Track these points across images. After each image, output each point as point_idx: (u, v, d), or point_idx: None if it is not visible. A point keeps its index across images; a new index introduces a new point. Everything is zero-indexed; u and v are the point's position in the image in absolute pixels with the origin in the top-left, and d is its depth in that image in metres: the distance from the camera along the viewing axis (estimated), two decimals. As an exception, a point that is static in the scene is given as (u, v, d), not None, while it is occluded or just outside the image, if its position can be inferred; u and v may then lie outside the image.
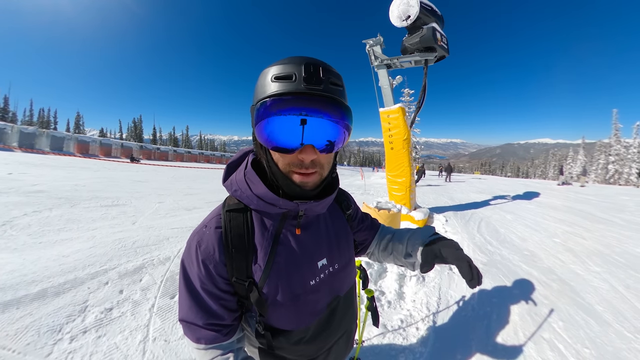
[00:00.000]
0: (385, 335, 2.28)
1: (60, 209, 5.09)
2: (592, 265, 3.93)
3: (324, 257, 0.78)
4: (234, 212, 0.70)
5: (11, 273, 2.71)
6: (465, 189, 14.34)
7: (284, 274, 0.70)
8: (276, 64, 0.58)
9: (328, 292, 0.79)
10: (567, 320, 2.55)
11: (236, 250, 0.66)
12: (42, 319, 2.14)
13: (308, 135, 0.57)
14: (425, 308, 2.70)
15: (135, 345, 2.00)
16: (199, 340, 0.67)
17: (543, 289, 3.15)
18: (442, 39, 5.76)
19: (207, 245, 0.66)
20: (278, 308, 0.70)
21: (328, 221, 0.84)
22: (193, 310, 0.67)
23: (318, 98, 0.56)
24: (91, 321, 2.18)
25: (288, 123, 0.56)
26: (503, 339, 2.30)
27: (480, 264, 3.83)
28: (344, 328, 0.86)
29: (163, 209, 5.96)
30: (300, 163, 0.61)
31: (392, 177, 6.29)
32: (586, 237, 5.44)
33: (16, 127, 23.78)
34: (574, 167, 44.67)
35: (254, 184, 0.67)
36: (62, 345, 1.93)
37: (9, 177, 7.77)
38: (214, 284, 0.66)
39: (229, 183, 0.72)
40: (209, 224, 0.69)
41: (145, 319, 2.28)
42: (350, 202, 0.95)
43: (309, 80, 0.55)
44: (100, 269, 2.95)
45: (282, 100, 0.55)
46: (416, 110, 6.30)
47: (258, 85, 0.60)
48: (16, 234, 3.73)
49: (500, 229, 5.89)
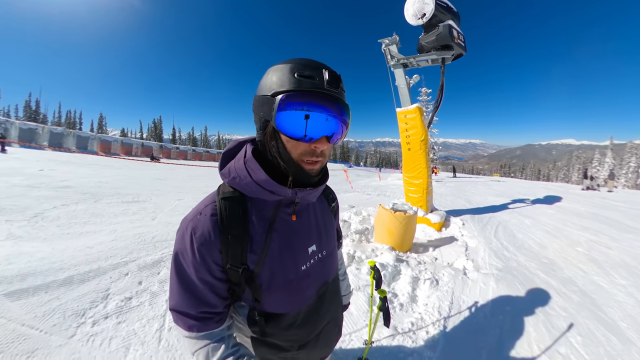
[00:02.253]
0: (394, 337, 2.26)
1: (86, 203, 5.35)
2: (617, 277, 3.70)
3: (314, 244, 0.83)
4: (229, 199, 0.71)
5: (41, 260, 2.89)
6: (483, 192, 13.89)
7: (278, 259, 0.73)
8: (294, 62, 0.64)
9: (317, 277, 0.84)
10: (586, 336, 2.40)
11: (232, 236, 0.68)
12: (67, 304, 2.27)
13: (324, 129, 0.65)
14: (437, 312, 2.66)
15: (152, 333, 2.09)
16: (190, 328, 0.69)
17: (561, 300, 3.00)
18: (459, 37, 5.60)
19: (202, 232, 0.67)
20: (272, 292, 0.73)
21: (317, 210, 0.88)
22: (185, 299, 0.69)
23: (336, 100, 0.65)
24: (112, 308, 2.30)
25: (316, 116, 0.63)
26: (516, 350, 2.20)
27: (495, 269, 3.74)
28: (332, 314, 0.91)
29: (182, 206, 6.14)
30: (312, 151, 0.66)
31: (408, 179, 6.17)
32: (612, 247, 5.09)
33: (47, 128, 25.11)
34: (601, 170, 42.24)
35: (254, 171, 0.69)
36: (84, 329, 2.05)
37: (40, 174, 8.25)
38: (208, 271, 0.68)
39: (226, 171, 0.74)
40: (204, 211, 0.70)
41: (162, 309, 2.37)
42: (334, 197, 1.02)
43: (331, 84, 0.63)
44: (121, 260, 3.09)
45: (311, 96, 0.62)
46: (434, 110, 6.17)
47: (274, 77, 0.64)
48: (46, 225, 3.96)
49: (517, 234, 5.68)
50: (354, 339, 2.20)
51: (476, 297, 2.98)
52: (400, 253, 4.04)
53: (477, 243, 4.81)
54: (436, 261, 3.96)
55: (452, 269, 3.62)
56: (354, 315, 2.49)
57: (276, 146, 0.67)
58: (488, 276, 3.49)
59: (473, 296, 3.00)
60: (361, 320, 2.44)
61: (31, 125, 25.07)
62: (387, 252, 3.82)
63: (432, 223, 5.61)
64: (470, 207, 8.61)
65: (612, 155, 42.27)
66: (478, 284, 3.26)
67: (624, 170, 37.41)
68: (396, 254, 3.81)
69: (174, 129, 62.40)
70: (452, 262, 3.94)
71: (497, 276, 3.50)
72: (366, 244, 4.17)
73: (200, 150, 42.80)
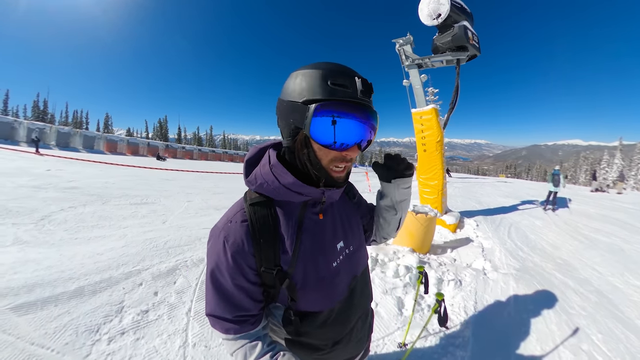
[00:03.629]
0: (427, 339, 2.28)
1: (93, 205, 5.23)
2: (632, 278, 3.77)
3: (341, 240, 0.84)
4: (258, 205, 0.72)
5: (49, 269, 2.74)
6: (492, 193, 13.81)
7: (310, 258, 0.74)
8: (324, 68, 0.63)
9: (348, 272, 0.84)
10: (606, 333, 2.49)
11: (264, 240, 0.69)
12: (79, 318, 2.12)
13: (356, 136, 0.66)
14: (463, 312, 2.70)
15: (175, 350, 1.94)
16: (227, 331, 0.71)
17: (580, 300, 3.09)
18: (474, 38, 5.53)
19: (235, 239, 0.68)
20: (307, 291, 0.74)
21: (340, 207, 0.89)
22: (221, 305, 0.70)
23: (368, 109, 0.66)
24: (128, 322, 2.14)
25: (350, 125, 0.63)
26: (542, 347, 2.26)
27: (513, 269, 3.81)
28: (363, 308, 0.91)
29: (192, 207, 6.02)
30: (343, 158, 0.68)
31: (423, 180, 6.07)
32: (625, 248, 5.18)
33: (54, 128, 25.22)
34: (610, 172, 41.56)
35: (282, 176, 0.70)
36: (100, 347, 1.90)
37: (47, 174, 8.16)
38: (243, 276, 0.69)
39: (252, 178, 0.75)
40: (234, 219, 0.71)
41: (182, 323, 2.22)
42: (355, 191, 1.01)
43: (364, 93, 0.64)
44: (133, 269, 2.94)
45: (346, 106, 0.62)
46: (449, 111, 6.04)
47: (303, 83, 0.63)
48: (54, 229, 3.83)
49: (530, 235, 5.79)
50: (388, 343, 2.21)
51: (498, 297, 3.04)
52: (421, 255, 4.05)
53: (492, 244, 4.92)
54: (455, 262, 4.07)
55: (472, 269, 3.73)
56: (385, 319, 2.49)
57: (307, 154, 0.68)
58: (507, 276, 3.56)
59: (495, 295, 3.07)
60: (392, 323, 2.45)
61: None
62: (409, 254, 3.81)
63: (447, 224, 5.63)
64: (481, 208, 8.65)
65: (622, 156, 41.50)
66: (499, 284, 3.34)
67: (634, 172, 36.75)
68: (418, 255, 3.83)
69: (180, 128, 62.64)
70: (471, 262, 4.07)
71: (515, 276, 3.57)
72: (385, 246, 4.11)
73: (206, 150, 42.66)
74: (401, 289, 2.93)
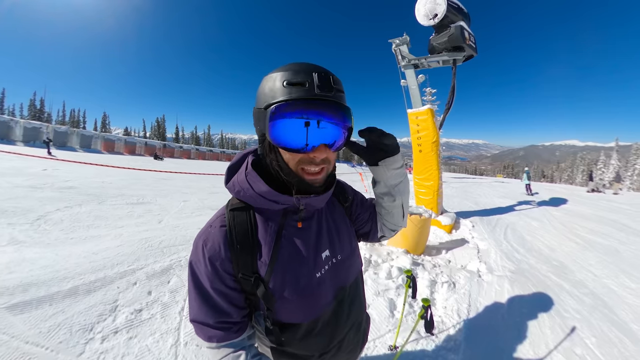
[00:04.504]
0: (418, 342, 2.27)
1: (89, 205, 5.23)
2: (627, 280, 3.76)
3: (327, 249, 0.81)
4: (237, 210, 0.73)
5: (44, 268, 2.76)
6: (489, 193, 13.84)
7: (289, 268, 0.72)
8: (284, 70, 0.62)
9: (333, 283, 0.80)
10: (600, 337, 2.48)
11: (241, 246, 0.69)
12: (73, 317, 2.14)
13: (321, 136, 0.63)
14: (456, 315, 2.69)
15: (167, 349, 1.96)
16: (210, 339, 0.69)
17: (574, 303, 3.07)
18: (470, 38, 5.56)
19: (213, 244, 0.69)
20: (285, 301, 0.71)
21: (327, 214, 0.86)
22: (203, 310, 0.69)
23: (330, 104, 0.62)
24: (122, 322, 2.17)
25: (304, 125, 0.60)
26: (534, 351, 2.25)
27: (508, 271, 3.81)
28: (353, 319, 0.87)
29: (188, 207, 6.03)
30: (311, 160, 0.65)
31: (419, 180, 6.10)
32: (621, 250, 5.16)
33: (51, 127, 25.03)
34: (606, 172, 41.85)
35: (255, 183, 0.70)
36: (94, 345, 1.92)
37: (43, 173, 8.14)
38: (221, 281, 0.68)
39: (231, 185, 0.75)
40: (214, 224, 0.72)
41: (175, 322, 2.24)
42: (348, 194, 0.97)
43: (322, 87, 0.61)
44: (128, 268, 2.96)
45: (300, 104, 0.59)
46: (445, 111, 6.07)
47: (266, 88, 0.63)
48: (49, 229, 3.84)
49: (526, 236, 5.75)
50: (379, 345, 2.21)
51: (492, 299, 3.03)
52: (415, 256, 4.05)
53: (488, 245, 4.88)
54: (450, 264, 4.04)
55: (466, 271, 3.71)
56: (376, 321, 2.49)
57: (275, 159, 0.67)
58: (502, 278, 3.55)
59: (489, 298, 3.05)
60: (384, 325, 2.45)
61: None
62: (403, 255, 3.82)
63: (443, 225, 5.62)
64: (477, 209, 8.64)
65: (618, 157, 41.84)
66: (493, 286, 3.33)
67: (630, 173, 37.04)
68: (412, 257, 3.83)
69: (177, 127, 62.26)
70: (466, 264, 4.04)
71: (510, 278, 3.56)
72: (379, 246, 4.13)
73: (203, 150, 42.53)
74: (393, 290, 2.94)
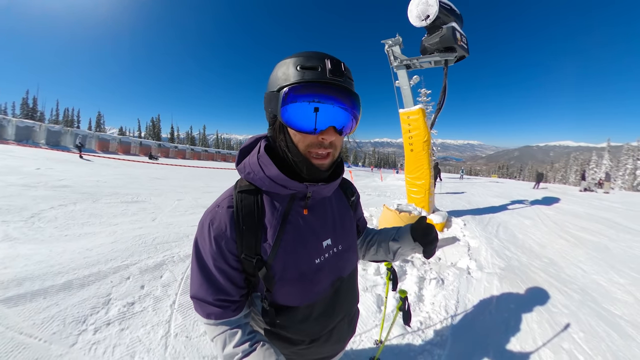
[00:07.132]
0: (404, 337, 2.29)
1: (84, 203, 5.26)
2: (616, 276, 3.82)
3: (329, 238, 0.83)
4: (246, 192, 0.74)
5: (39, 264, 2.80)
6: (483, 193, 13.98)
7: (291, 251, 0.74)
8: (297, 55, 0.65)
9: (332, 271, 0.83)
10: (588, 332, 2.50)
11: (247, 227, 0.71)
12: (67, 310, 2.19)
13: (331, 119, 0.65)
14: (444, 311, 2.71)
15: (157, 340, 2.01)
16: (209, 315, 0.72)
17: (563, 298, 3.09)
18: (462, 39, 5.63)
19: (219, 223, 0.71)
20: (285, 284, 0.74)
21: (333, 204, 0.89)
22: (204, 286, 0.72)
23: (341, 89, 0.65)
24: (114, 314, 2.22)
25: (319, 107, 0.63)
26: (521, 346, 2.27)
27: (498, 269, 3.82)
28: (346, 310, 0.91)
29: (182, 206, 6.07)
30: (320, 143, 0.67)
31: (411, 179, 6.18)
32: (611, 247, 5.25)
33: (44, 126, 24.81)
34: (598, 172, 42.50)
35: (267, 166, 0.71)
36: (86, 336, 1.97)
37: (37, 172, 8.13)
38: (224, 260, 0.71)
39: (242, 166, 0.77)
40: (222, 204, 0.74)
41: (166, 314, 2.30)
42: (354, 190, 1.01)
43: (334, 72, 0.63)
44: (122, 263, 3.01)
45: (312, 87, 0.62)
46: (436, 111, 6.16)
47: (279, 72, 0.65)
48: (43, 226, 3.87)
49: (518, 234, 5.80)
50: (365, 339, 2.23)
51: (481, 296, 3.05)
52: None
53: (479, 243, 4.89)
54: (440, 261, 4.07)
55: (456, 268, 3.74)
56: (363, 315, 2.53)
57: (284, 140, 0.70)
58: (492, 275, 3.57)
59: (478, 295, 3.07)
60: (370, 320, 2.47)
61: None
62: None
63: (435, 223, 5.64)
64: (470, 208, 8.71)
65: (609, 157, 42.48)
66: (482, 283, 3.35)
67: (621, 172, 37.62)
68: None
69: (172, 127, 61.91)
70: (456, 262, 4.06)
71: (500, 275, 3.59)
72: None
73: (198, 150, 42.30)
74: (382, 286, 2.98)
